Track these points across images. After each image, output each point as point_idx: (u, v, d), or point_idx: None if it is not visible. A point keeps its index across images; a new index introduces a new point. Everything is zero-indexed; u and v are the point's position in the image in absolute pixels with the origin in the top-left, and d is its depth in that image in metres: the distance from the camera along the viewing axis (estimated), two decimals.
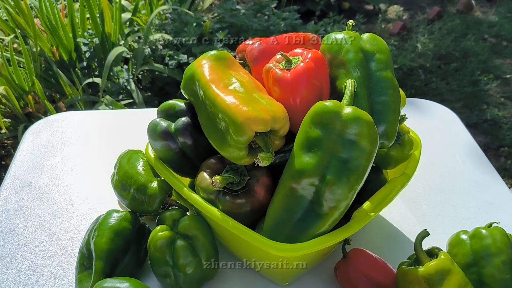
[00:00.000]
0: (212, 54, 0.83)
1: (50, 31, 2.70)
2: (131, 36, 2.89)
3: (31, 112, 2.66)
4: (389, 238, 0.98)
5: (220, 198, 0.79)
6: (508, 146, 2.73)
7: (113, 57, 2.58)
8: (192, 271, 0.82)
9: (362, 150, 0.72)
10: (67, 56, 2.81)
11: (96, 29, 2.75)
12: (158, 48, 2.91)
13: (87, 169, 1.13)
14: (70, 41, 2.77)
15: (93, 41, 2.76)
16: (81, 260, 0.85)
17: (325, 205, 0.73)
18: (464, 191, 1.09)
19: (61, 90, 2.73)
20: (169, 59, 2.82)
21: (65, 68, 2.83)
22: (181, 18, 3.08)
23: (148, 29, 2.79)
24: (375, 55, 0.84)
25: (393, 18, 3.82)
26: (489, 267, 0.82)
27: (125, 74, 2.69)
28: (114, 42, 2.84)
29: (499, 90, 3.14)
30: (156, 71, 2.84)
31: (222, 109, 0.76)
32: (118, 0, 2.81)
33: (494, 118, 2.91)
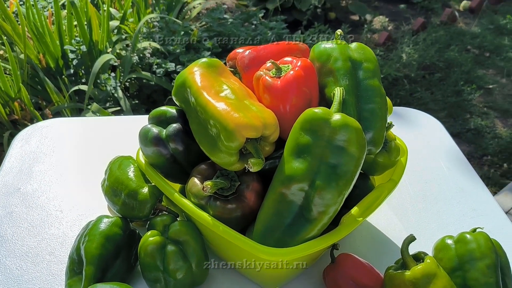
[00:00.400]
0: (203, 61, 0.85)
1: (37, 38, 2.69)
2: (119, 44, 2.89)
3: (17, 119, 2.64)
4: (376, 243, 1.00)
5: (211, 204, 0.80)
6: (491, 155, 2.78)
7: (100, 65, 2.58)
8: (182, 276, 0.82)
9: (350, 156, 0.74)
10: (54, 63, 2.80)
11: (83, 36, 2.75)
12: (145, 56, 2.92)
13: (77, 175, 1.13)
14: (57, 48, 2.76)
15: (81, 48, 2.76)
16: (71, 266, 0.86)
17: (314, 210, 0.75)
18: (449, 198, 1.11)
19: (47, 97, 2.72)
20: (157, 67, 2.83)
21: (51, 75, 2.82)
22: (169, 26, 3.09)
23: (136, 37, 2.80)
24: (362, 64, 0.86)
25: (378, 29, 3.87)
26: (473, 271, 0.83)
27: (112, 82, 2.69)
28: (102, 50, 2.84)
29: (482, 100, 3.20)
30: (144, 79, 2.85)
31: (214, 115, 0.77)
32: (106, 8, 2.82)
33: (477, 127, 2.96)
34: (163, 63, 2.84)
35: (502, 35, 3.90)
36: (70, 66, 2.82)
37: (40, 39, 2.69)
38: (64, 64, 2.81)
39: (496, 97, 3.24)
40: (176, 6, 3.38)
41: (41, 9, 3.16)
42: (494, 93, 3.28)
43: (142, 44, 2.89)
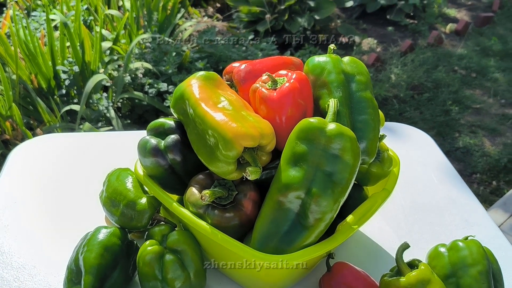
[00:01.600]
0: (201, 74, 0.87)
1: (29, 59, 2.71)
2: (111, 65, 2.92)
3: (8, 139, 2.64)
4: (371, 253, 1.01)
5: (209, 212, 0.81)
6: (480, 173, 2.82)
7: (92, 84, 2.60)
8: (180, 285, 0.83)
9: (345, 163, 0.76)
10: (45, 84, 2.81)
11: (76, 57, 2.77)
12: (138, 76, 2.95)
13: (73, 188, 1.14)
14: (49, 69, 2.78)
15: (73, 69, 2.78)
16: (69, 276, 0.86)
17: (310, 217, 0.76)
18: (441, 209, 1.14)
19: (39, 117, 2.72)
20: (149, 87, 2.86)
21: (43, 96, 2.83)
22: (160, 47, 3.12)
23: (128, 57, 2.82)
24: (355, 77, 0.89)
25: (367, 50, 3.94)
26: (466, 277, 0.85)
27: (104, 102, 2.71)
28: (94, 70, 2.86)
29: (470, 119, 3.25)
30: (136, 99, 2.87)
31: (212, 125, 0.79)
32: (99, 30, 2.85)
33: (466, 146, 3.01)
34: (155, 83, 2.87)
35: (488, 57, 3.99)
36: (62, 86, 2.83)
37: (32, 59, 2.71)
38: (56, 84, 2.83)
39: (484, 116, 3.30)
40: (168, 27, 3.43)
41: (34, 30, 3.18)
42: (481, 112, 3.34)
43: (134, 65, 2.92)
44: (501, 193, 2.65)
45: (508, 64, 3.91)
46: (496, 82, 3.67)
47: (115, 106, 2.84)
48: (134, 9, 3.27)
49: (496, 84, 3.65)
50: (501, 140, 3.09)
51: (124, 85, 2.84)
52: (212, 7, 4.48)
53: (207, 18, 4.24)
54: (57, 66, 2.79)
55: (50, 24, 2.74)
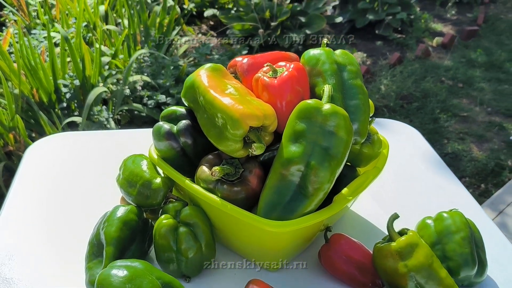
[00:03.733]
0: (209, 66, 0.97)
1: (30, 74, 2.80)
2: (111, 78, 3.02)
3: (12, 150, 2.72)
4: (364, 229, 1.11)
5: (219, 187, 0.90)
6: (469, 177, 2.93)
7: (94, 97, 2.70)
8: (193, 255, 0.92)
9: (340, 139, 0.86)
10: (47, 98, 2.90)
11: (77, 71, 2.87)
12: (137, 89, 3.05)
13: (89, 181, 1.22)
14: (50, 83, 2.87)
15: (74, 82, 2.87)
16: (90, 251, 0.94)
17: (310, 187, 0.86)
18: (428, 194, 1.23)
19: (41, 130, 2.80)
20: (148, 99, 2.95)
21: (44, 109, 2.92)
22: (158, 61, 3.23)
23: (127, 71, 2.92)
24: (347, 67, 0.99)
25: None
26: (451, 243, 0.94)
27: (105, 113, 2.79)
28: (94, 84, 2.96)
29: (458, 127, 3.37)
30: (135, 111, 2.96)
31: (220, 108, 0.88)
32: (98, 46, 2.95)
33: (455, 151, 3.12)
34: (153, 95, 2.97)
35: (474, 68, 4.14)
36: (63, 99, 2.92)
37: (34, 74, 2.80)
38: (57, 98, 2.92)
39: (471, 123, 3.42)
40: (164, 43, 3.55)
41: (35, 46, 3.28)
42: (469, 120, 3.46)
43: (133, 78, 3.02)
44: (490, 195, 2.75)
45: (493, 74, 4.06)
46: (482, 92, 3.80)
47: (115, 118, 2.93)
48: (131, 26, 3.39)
49: (482, 93, 3.78)
50: (488, 145, 3.20)
51: (123, 97, 2.94)
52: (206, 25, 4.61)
53: (201, 35, 4.37)
54: (58, 80, 2.89)
55: (51, 40, 2.84)
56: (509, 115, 3.53)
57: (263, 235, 0.89)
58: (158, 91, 3.05)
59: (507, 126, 3.40)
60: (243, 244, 0.98)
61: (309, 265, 1.01)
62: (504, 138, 3.28)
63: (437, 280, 0.87)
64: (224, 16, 4.25)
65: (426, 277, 0.87)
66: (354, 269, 0.95)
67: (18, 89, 2.74)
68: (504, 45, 4.57)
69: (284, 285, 0.96)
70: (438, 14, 5.12)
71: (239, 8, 4.33)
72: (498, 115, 3.54)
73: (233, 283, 0.95)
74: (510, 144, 3.21)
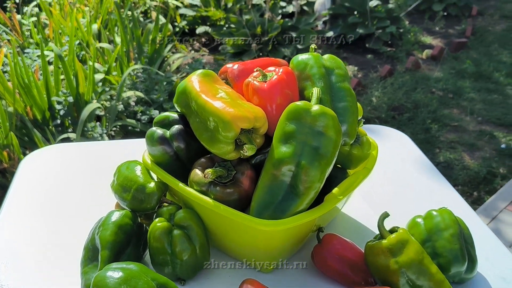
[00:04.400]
0: (200, 71, 0.99)
1: (24, 92, 2.82)
2: (104, 95, 3.04)
3: (6, 167, 2.72)
4: (356, 232, 1.12)
5: (212, 189, 0.92)
6: (462, 185, 2.95)
7: (87, 113, 2.72)
8: (187, 257, 0.93)
9: (329, 138, 0.88)
10: (40, 115, 2.92)
11: (70, 88, 2.89)
12: (130, 104, 3.07)
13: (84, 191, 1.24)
14: (44, 101, 2.89)
15: (67, 99, 2.89)
16: (86, 255, 0.95)
17: (301, 187, 0.87)
18: (418, 195, 1.25)
19: (35, 147, 2.81)
20: (141, 114, 2.98)
21: (38, 127, 2.93)
22: (151, 77, 3.26)
23: (121, 86, 2.95)
24: (334, 70, 1.02)
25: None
26: (440, 240, 0.96)
27: (99, 129, 2.81)
28: (88, 101, 2.98)
29: (449, 136, 3.41)
30: (129, 126, 2.98)
31: (212, 111, 0.91)
32: (92, 63, 2.98)
33: (447, 160, 3.15)
34: (147, 110, 2.99)
35: (463, 79, 4.19)
36: (57, 116, 2.94)
37: (27, 92, 2.82)
38: (50, 115, 2.93)
39: (462, 133, 3.46)
40: (157, 59, 3.58)
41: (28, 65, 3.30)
42: (460, 129, 3.50)
43: (126, 94, 3.04)
44: (482, 202, 2.78)
45: (483, 84, 4.11)
46: (472, 102, 3.85)
47: (109, 134, 2.94)
48: (124, 43, 3.43)
49: (472, 103, 3.83)
50: (480, 154, 3.24)
51: (117, 113, 2.96)
52: (199, 42, 4.67)
53: (194, 52, 4.41)
54: (52, 97, 2.90)
55: (44, 58, 2.87)
56: (499, 124, 3.57)
57: (256, 235, 0.91)
58: (151, 107, 3.07)
59: (497, 134, 3.44)
60: (237, 245, 0.99)
61: (302, 266, 1.02)
62: (495, 146, 3.32)
63: (428, 276, 0.88)
64: (216, 33, 4.30)
65: (417, 273, 0.88)
66: (347, 268, 0.96)
67: (12, 107, 2.76)
68: (492, 56, 4.64)
69: (278, 285, 0.97)
70: (427, 27, 5.20)
71: (231, 25, 4.39)
72: (489, 124, 3.58)
73: (228, 285, 0.96)
74: (501, 152, 3.25)
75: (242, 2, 4.59)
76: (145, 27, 3.79)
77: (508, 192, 2.73)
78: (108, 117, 2.93)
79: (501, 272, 1.02)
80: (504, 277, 1.01)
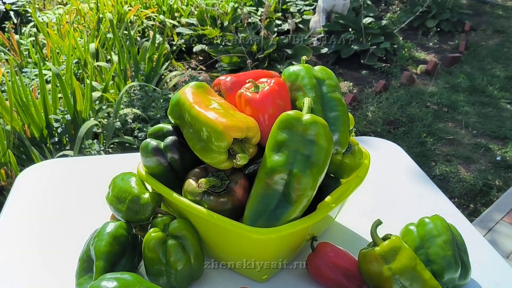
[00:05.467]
0: (193, 84, 1.01)
1: (22, 110, 2.83)
2: (101, 112, 3.06)
3: (3, 185, 2.73)
4: (350, 242, 1.13)
5: (205, 199, 0.93)
6: (458, 197, 2.96)
7: (85, 130, 2.73)
8: (182, 267, 0.93)
9: (320, 147, 0.89)
10: (38, 133, 2.93)
11: (68, 105, 2.91)
12: (127, 121, 3.09)
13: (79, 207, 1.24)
14: (41, 119, 2.91)
15: (65, 117, 2.91)
16: (81, 267, 0.96)
17: (293, 194, 0.88)
18: (410, 203, 1.26)
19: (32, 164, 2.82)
20: (138, 131, 2.99)
21: (36, 145, 2.94)
22: (148, 95, 3.29)
23: (118, 104, 2.97)
24: (325, 81, 1.03)
25: (344, 92, 4.16)
26: (433, 246, 0.97)
27: (96, 147, 2.82)
28: (85, 118, 3.00)
29: (445, 149, 3.43)
30: (126, 143, 2.99)
31: (205, 122, 0.92)
32: (89, 82, 3.01)
33: (443, 173, 3.17)
34: (144, 127, 3.00)
35: (457, 93, 4.23)
36: (55, 134, 2.95)
37: (25, 110, 2.83)
38: (48, 133, 2.95)
39: (457, 146, 3.48)
40: (154, 77, 3.61)
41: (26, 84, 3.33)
42: (455, 142, 3.52)
43: (124, 111, 3.06)
44: (479, 214, 2.78)
45: (477, 98, 4.15)
46: (467, 115, 3.88)
47: (107, 151, 2.95)
48: (121, 61, 3.46)
49: (467, 116, 3.86)
50: (475, 166, 3.25)
51: (114, 130, 2.97)
52: (195, 60, 4.71)
53: (191, 69, 4.45)
54: (49, 115, 2.92)
55: (42, 76, 2.89)
56: (494, 137, 3.60)
57: (250, 243, 0.91)
58: (148, 123, 3.09)
59: (493, 147, 3.46)
60: (231, 255, 1.00)
61: (296, 275, 1.03)
62: (491, 159, 3.34)
63: (421, 282, 0.89)
64: (212, 50, 4.35)
65: (410, 279, 0.89)
66: (341, 276, 0.97)
67: (10, 126, 2.77)
68: (486, 70, 4.69)
69: None
70: (421, 43, 5.26)
71: (227, 43, 4.43)
72: (484, 137, 3.61)
73: None
74: (497, 165, 3.27)
75: (238, 21, 4.65)
76: (142, 45, 3.82)
77: (504, 203, 2.74)
78: (105, 134, 2.95)
79: (495, 278, 1.03)
80: (497, 283, 1.02)
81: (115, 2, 4.53)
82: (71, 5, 4.80)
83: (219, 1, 5.09)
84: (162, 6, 4.87)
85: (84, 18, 4.54)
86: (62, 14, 4.65)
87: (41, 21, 4.34)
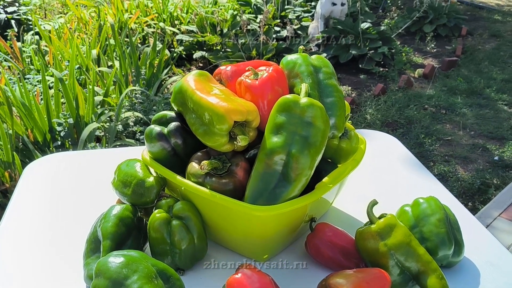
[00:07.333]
0: (195, 72, 1.05)
1: (25, 115, 2.88)
2: (104, 116, 3.10)
3: (7, 188, 2.77)
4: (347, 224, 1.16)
5: (208, 180, 0.97)
6: (456, 196, 2.98)
7: (87, 132, 2.77)
8: (186, 247, 0.97)
9: (317, 128, 0.93)
10: (41, 137, 2.97)
11: (70, 110, 2.96)
12: (129, 124, 3.13)
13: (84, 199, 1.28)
14: (44, 123, 2.95)
15: (68, 121, 2.96)
16: (88, 248, 0.99)
17: (292, 174, 0.92)
18: (406, 192, 1.30)
19: None
20: (140, 134, 3.03)
21: (39, 148, 2.98)
22: (149, 99, 3.34)
23: (120, 107, 3.02)
24: (322, 69, 1.08)
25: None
26: (428, 225, 1.01)
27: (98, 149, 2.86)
28: (88, 122, 3.04)
29: (443, 150, 3.47)
30: (128, 146, 3.03)
31: (207, 106, 0.96)
32: (91, 87, 3.06)
33: (441, 173, 3.20)
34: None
35: (455, 95, 4.28)
36: (57, 138, 3.00)
37: (28, 115, 2.88)
38: (51, 137, 2.99)
39: (455, 147, 3.52)
40: (155, 82, 3.66)
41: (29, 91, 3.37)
42: (453, 143, 3.56)
43: (125, 115, 3.11)
44: (477, 212, 2.81)
45: (474, 100, 4.20)
46: (465, 117, 3.93)
47: None
48: (122, 67, 3.51)
49: (464, 118, 3.90)
50: (473, 166, 3.29)
51: (116, 133, 3.02)
52: (196, 67, 4.76)
53: None
54: (52, 119, 2.97)
55: (45, 81, 2.94)
56: (491, 137, 3.64)
57: (251, 221, 0.95)
58: None
59: (490, 147, 3.50)
60: (232, 235, 1.04)
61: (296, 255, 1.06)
62: (488, 158, 3.37)
63: (416, 257, 0.93)
64: (212, 57, 4.40)
65: (405, 254, 0.92)
66: (339, 254, 1.01)
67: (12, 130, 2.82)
68: (483, 73, 4.74)
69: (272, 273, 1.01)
70: (418, 47, 5.32)
71: (227, 49, 4.49)
72: (481, 137, 3.65)
73: (225, 273, 1.00)
74: (495, 164, 3.30)
75: (237, 27, 4.71)
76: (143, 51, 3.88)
77: (502, 200, 2.78)
78: (107, 137, 2.99)
79: (488, 257, 1.07)
80: (490, 261, 1.05)
81: (116, 10, 4.60)
82: (72, 14, 4.87)
83: (218, 9, 5.16)
84: (162, 14, 4.94)
85: (86, 26, 4.60)
86: (64, 22, 4.71)
87: (43, 29, 4.40)
